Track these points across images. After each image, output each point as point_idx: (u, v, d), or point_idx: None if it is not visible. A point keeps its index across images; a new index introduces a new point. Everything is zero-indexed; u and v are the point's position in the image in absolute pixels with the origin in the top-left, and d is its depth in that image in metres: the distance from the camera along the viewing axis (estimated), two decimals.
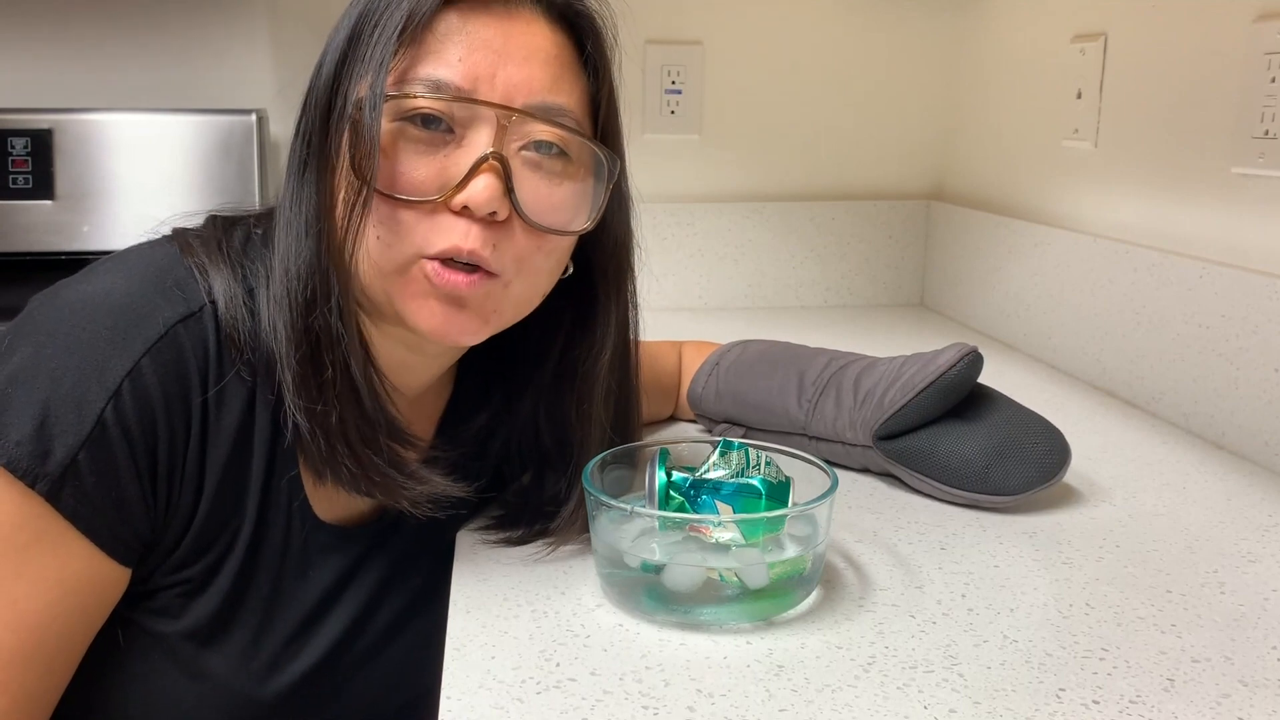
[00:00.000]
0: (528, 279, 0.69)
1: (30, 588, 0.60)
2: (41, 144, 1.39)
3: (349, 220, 0.64)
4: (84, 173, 1.40)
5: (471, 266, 0.66)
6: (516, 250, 0.67)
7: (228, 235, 0.71)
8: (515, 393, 0.80)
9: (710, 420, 0.99)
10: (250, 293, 0.67)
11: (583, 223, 0.70)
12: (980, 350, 0.85)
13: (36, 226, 1.40)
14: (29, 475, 0.59)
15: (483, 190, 0.64)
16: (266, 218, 0.72)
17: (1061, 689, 0.58)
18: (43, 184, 1.40)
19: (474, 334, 0.68)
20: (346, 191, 0.64)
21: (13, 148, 1.38)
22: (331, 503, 0.73)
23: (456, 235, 0.64)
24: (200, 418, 0.65)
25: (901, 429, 0.85)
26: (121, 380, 0.61)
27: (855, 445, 0.88)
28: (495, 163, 0.64)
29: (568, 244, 0.71)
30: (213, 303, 0.66)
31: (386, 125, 0.64)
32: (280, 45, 1.54)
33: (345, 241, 0.64)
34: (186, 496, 0.65)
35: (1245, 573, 0.74)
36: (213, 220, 0.73)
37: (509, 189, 0.65)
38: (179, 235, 0.70)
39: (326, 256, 0.65)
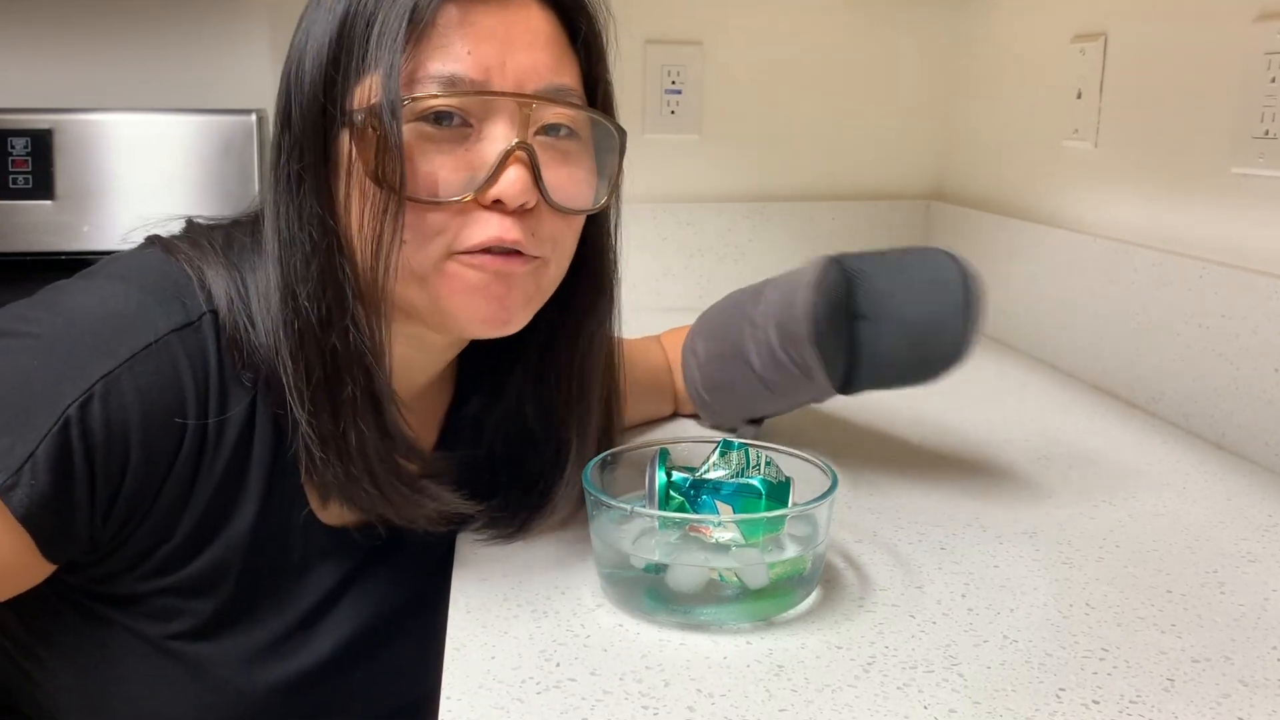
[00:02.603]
0: (561, 258, 0.70)
1: None
2: (41, 144, 1.39)
3: (380, 232, 0.62)
4: (84, 173, 1.40)
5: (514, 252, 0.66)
6: (551, 232, 0.67)
7: (211, 238, 0.70)
8: (503, 375, 0.80)
9: (728, 429, 1.00)
10: (245, 299, 0.66)
11: (601, 198, 0.71)
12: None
13: (36, 226, 1.40)
14: None
15: (515, 183, 0.64)
16: (248, 224, 0.71)
17: (1061, 689, 0.58)
18: (43, 184, 1.39)
19: (519, 317, 0.68)
20: (372, 203, 0.62)
21: (13, 148, 1.38)
22: (335, 506, 0.73)
23: (494, 228, 0.64)
24: (197, 429, 0.64)
25: (847, 372, 0.85)
26: (95, 383, 0.60)
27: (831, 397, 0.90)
28: (522, 153, 0.64)
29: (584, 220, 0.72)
30: (213, 311, 0.65)
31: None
32: (280, 45, 1.54)
33: (379, 255, 0.63)
34: (165, 508, 0.64)
35: (1245, 573, 0.74)
36: (192, 224, 0.72)
37: (537, 177, 0.65)
38: (161, 241, 0.69)
39: (341, 271, 0.63)
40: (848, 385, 0.87)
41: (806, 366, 0.86)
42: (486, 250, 0.65)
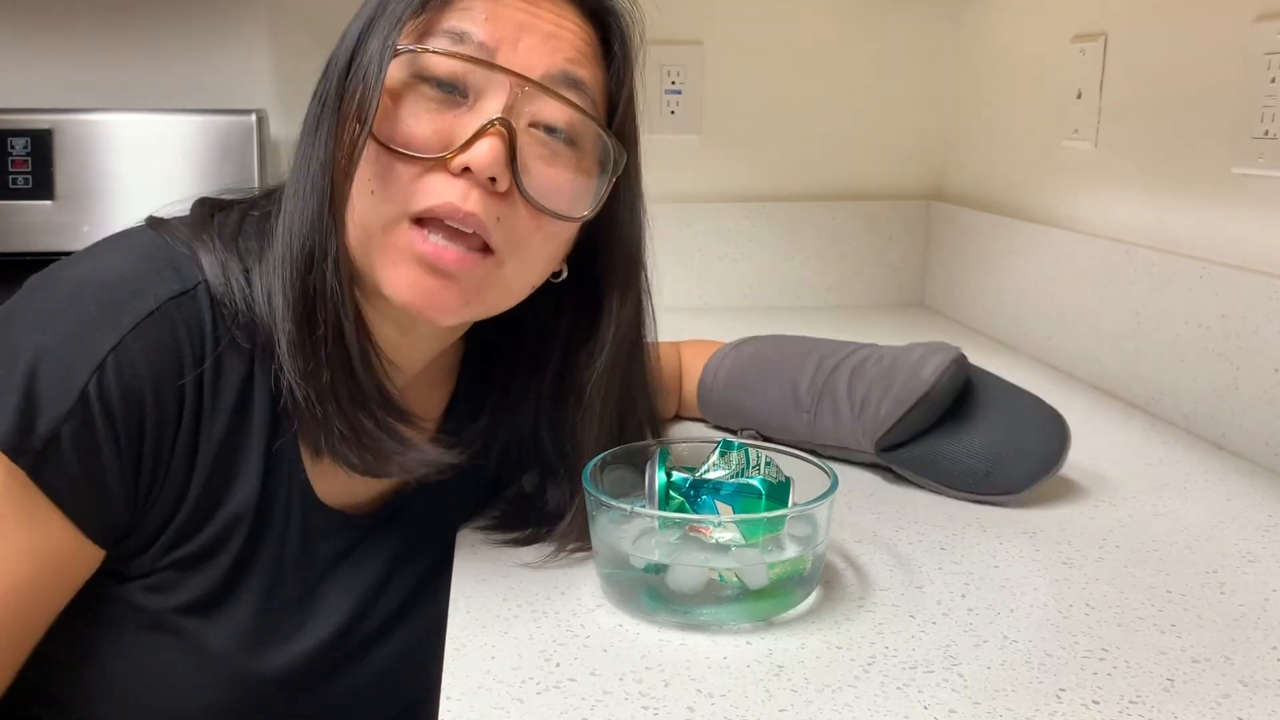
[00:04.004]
0: (521, 262, 0.68)
1: (3, 560, 0.60)
2: (41, 144, 1.39)
3: (345, 166, 0.63)
4: (84, 173, 1.40)
5: (466, 241, 0.65)
6: (517, 226, 0.66)
7: (221, 216, 0.70)
8: (516, 398, 0.80)
9: (730, 431, 1.00)
10: (245, 270, 0.67)
11: (582, 211, 0.69)
12: (970, 352, 0.86)
13: (36, 226, 1.40)
14: (11, 450, 0.59)
15: (486, 153, 0.63)
16: (264, 200, 0.72)
17: (1061, 689, 0.58)
18: (43, 184, 1.39)
19: (453, 312, 0.66)
20: (349, 138, 0.64)
21: (13, 148, 1.38)
22: (332, 486, 0.73)
23: (453, 193, 0.64)
24: (194, 396, 0.65)
25: (901, 440, 0.85)
26: (106, 355, 0.61)
27: (861, 451, 0.89)
28: (501, 128, 0.64)
29: (566, 234, 0.71)
30: (207, 280, 0.66)
31: (401, 80, 0.64)
32: (280, 45, 1.54)
33: (341, 186, 0.64)
34: (176, 477, 0.65)
35: (1245, 573, 0.74)
36: (202, 203, 0.73)
37: (512, 157, 0.64)
38: (156, 222, 0.70)
39: (329, 213, 0.64)
40: (887, 451, 0.87)
41: (867, 410, 0.86)
42: (437, 227, 0.64)
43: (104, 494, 0.62)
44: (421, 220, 0.65)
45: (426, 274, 0.65)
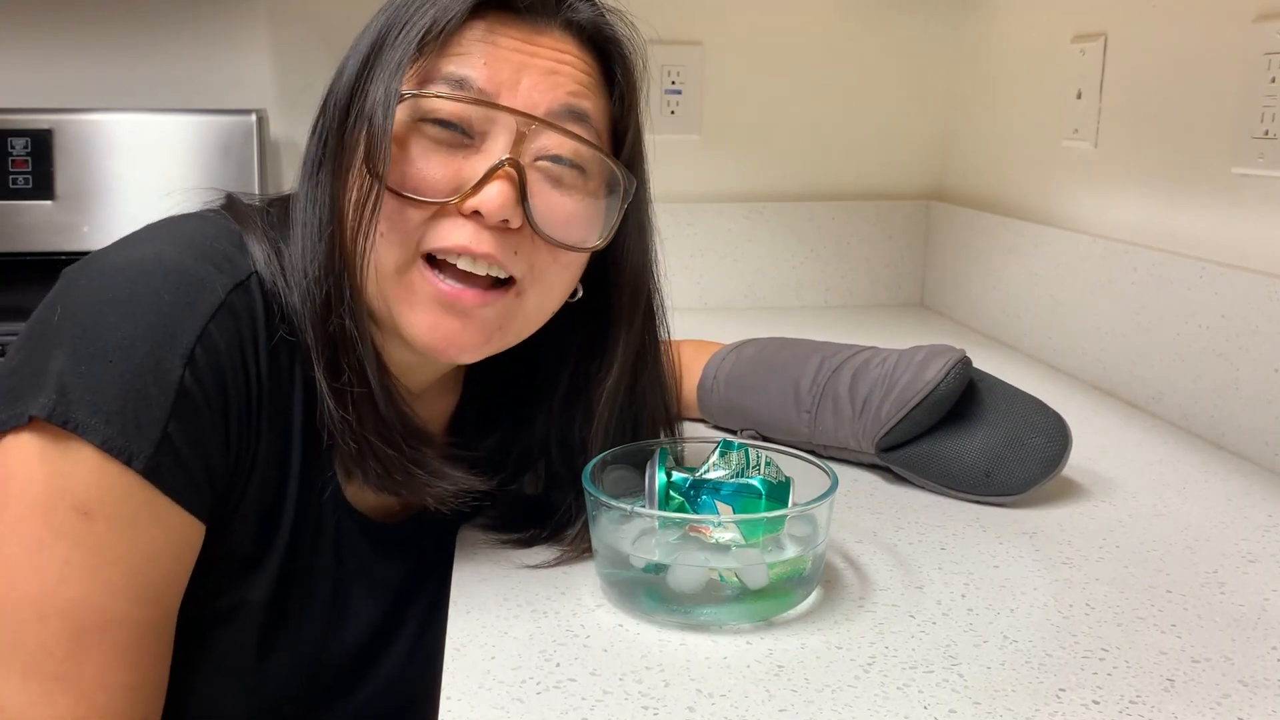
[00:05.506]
0: (541, 291, 0.69)
1: (145, 557, 0.60)
2: (41, 144, 1.39)
3: (359, 219, 0.63)
4: (84, 173, 1.40)
5: (485, 281, 0.65)
6: (534, 258, 0.67)
7: (250, 208, 0.70)
8: (529, 413, 0.80)
9: (729, 431, 1.00)
10: (280, 264, 0.67)
11: (595, 240, 0.70)
12: (970, 352, 0.86)
13: (36, 226, 1.40)
14: (124, 454, 0.58)
15: (496, 196, 0.63)
16: (279, 203, 0.72)
17: (1061, 689, 0.58)
18: (43, 184, 1.40)
19: (474, 350, 0.67)
20: (358, 191, 0.64)
21: (13, 148, 1.38)
22: (361, 490, 0.73)
23: (465, 236, 0.64)
24: (257, 385, 0.64)
25: (901, 440, 0.85)
26: (193, 346, 0.60)
27: (861, 452, 0.89)
28: (511, 170, 0.64)
29: (581, 261, 0.71)
30: (256, 273, 0.66)
31: (405, 123, 0.64)
32: (280, 45, 1.54)
33: (356, 241, 0.64)
34: (245, 466, 0.65)
35: (1245, 573, 0.74)
36: (230, 195, 0.72)
37: (523, 197, 0.64)
38: (195, 214, 0.69)
39: (339, 259, 0.64)
40: (887, 451, 0.87)
41: (869, 410, 0.86)
42: (450, 263, 0.64)
43: (212, 476, 0.62)
44: (434, 260, 0.65)
45: (445, 314, 0.65)
